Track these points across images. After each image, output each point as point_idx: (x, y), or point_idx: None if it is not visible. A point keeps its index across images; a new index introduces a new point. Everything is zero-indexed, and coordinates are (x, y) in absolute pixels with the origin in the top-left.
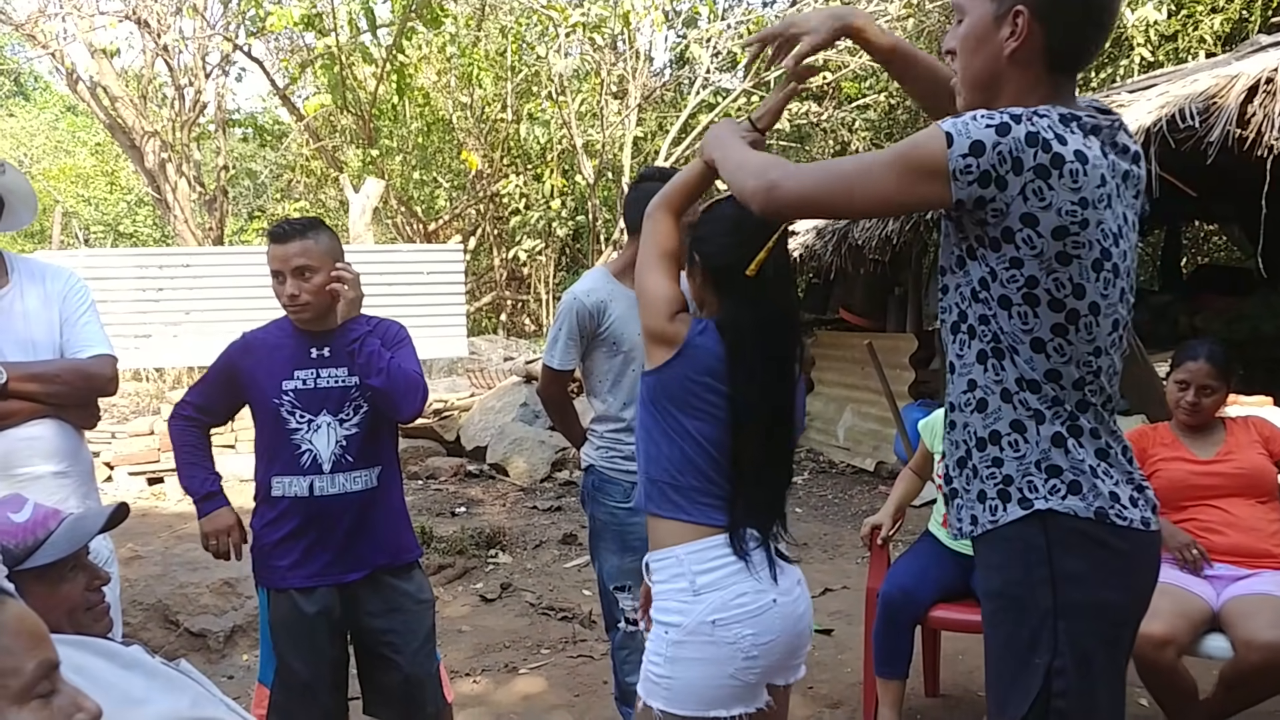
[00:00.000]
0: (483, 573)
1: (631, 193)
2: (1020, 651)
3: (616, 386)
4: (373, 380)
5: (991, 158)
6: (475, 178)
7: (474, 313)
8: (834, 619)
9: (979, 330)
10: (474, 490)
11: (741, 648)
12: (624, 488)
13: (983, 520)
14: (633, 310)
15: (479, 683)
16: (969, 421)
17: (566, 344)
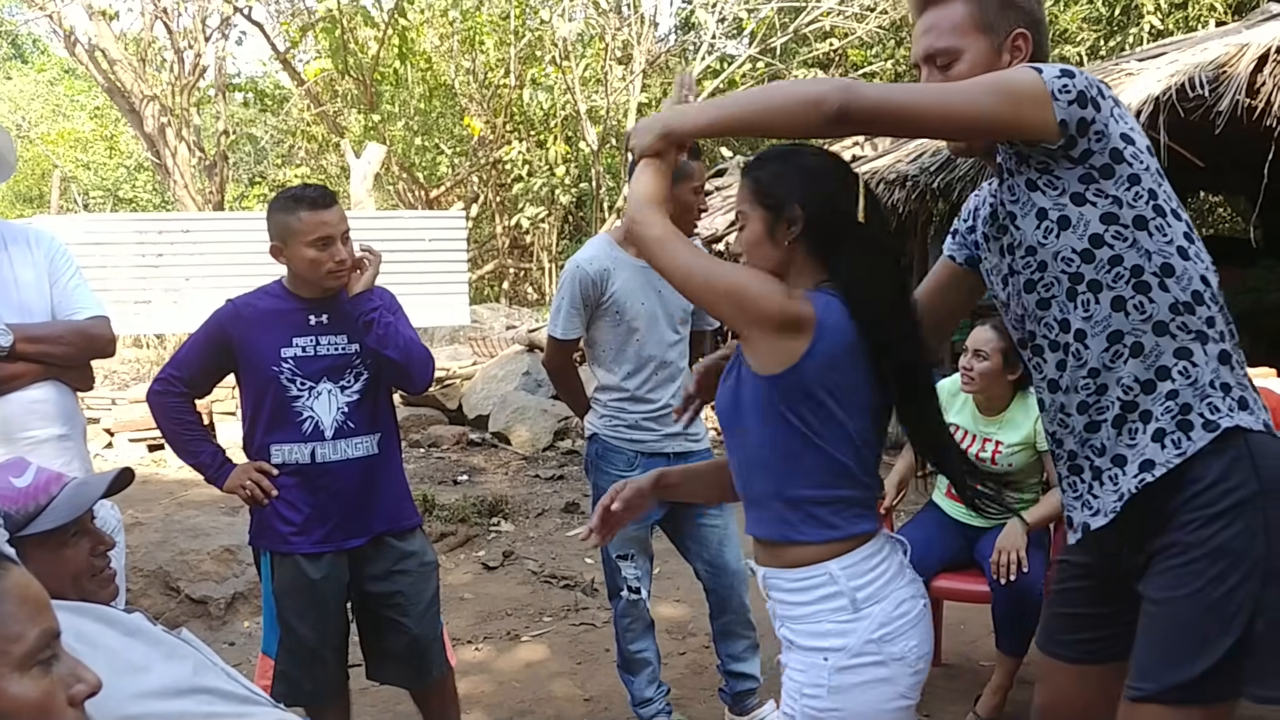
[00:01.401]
0: (485, 541)
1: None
2: (1219, 595)
3: (620, 356)
4: (390, 353)
5: (1080, 82)
6: (478, 144)
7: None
8: None
9: (1108, 277)
10: (476, 459)
11: (909, 661)
12: (627, 456)
13: (1163, 459)
14: (637, 279)
15: (481, 650)
16: (1121, 374)
17: (569, 313)
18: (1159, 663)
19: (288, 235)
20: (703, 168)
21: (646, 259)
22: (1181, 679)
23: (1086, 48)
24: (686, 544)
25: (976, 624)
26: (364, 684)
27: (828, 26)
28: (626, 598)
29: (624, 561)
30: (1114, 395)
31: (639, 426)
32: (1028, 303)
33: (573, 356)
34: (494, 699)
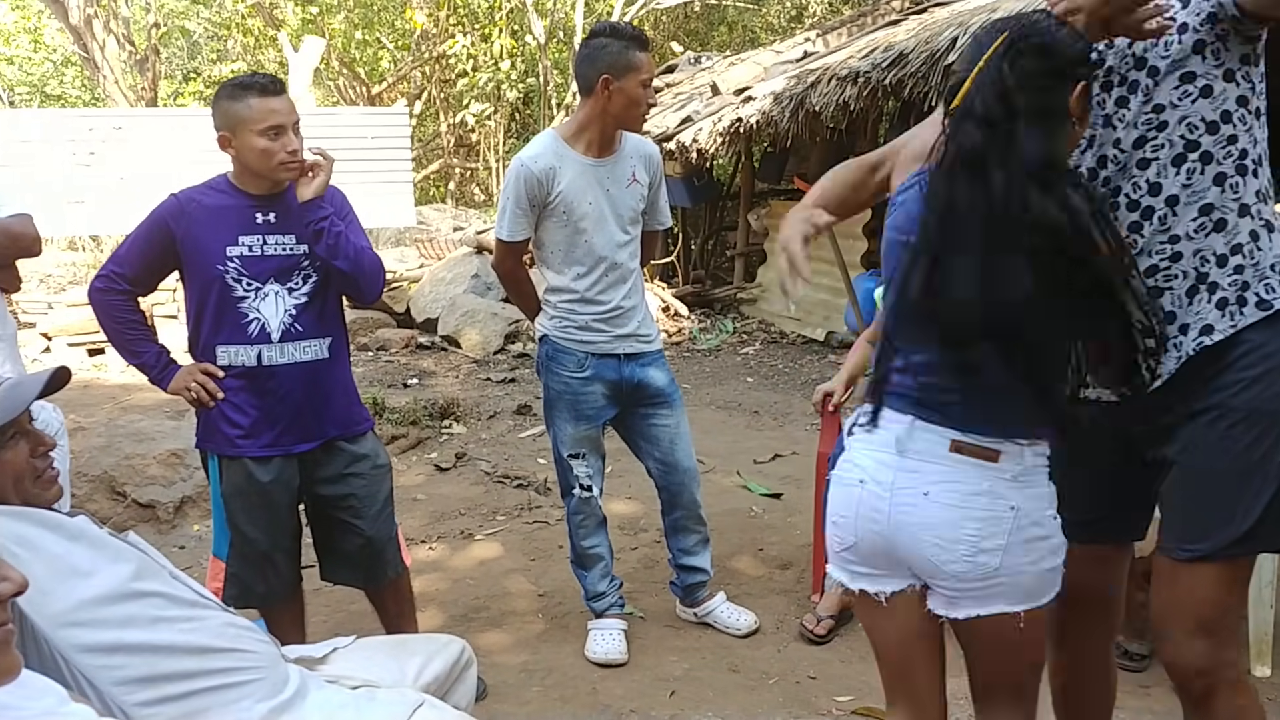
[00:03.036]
0: (437, 443)
1: (582, 50)
2: (1266, 456)
3: (569, 257)
4: (339, 264)
5: None
6: (420, 38)
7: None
8: (784, 483)
9: (1220, 153)
10: (426, 362)
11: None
12: (578, 358)
13: (1221, 327)
14: (584, 177)
15: (435, 549)
16: (1202, 246)
17: (515, 214)
18: (1207, 523)
19: (236, 124)
20: (651, 60)
21: None
22: (1231, 536)
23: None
24: (638, 443)
25: None
26: (318, 585)
27: None
28: (579, 495)
29: (575, 460)
30: (1189, 264)
31: (589, 328)
32: (1123, 157)
33: (522, 258)
34: (449, 596)
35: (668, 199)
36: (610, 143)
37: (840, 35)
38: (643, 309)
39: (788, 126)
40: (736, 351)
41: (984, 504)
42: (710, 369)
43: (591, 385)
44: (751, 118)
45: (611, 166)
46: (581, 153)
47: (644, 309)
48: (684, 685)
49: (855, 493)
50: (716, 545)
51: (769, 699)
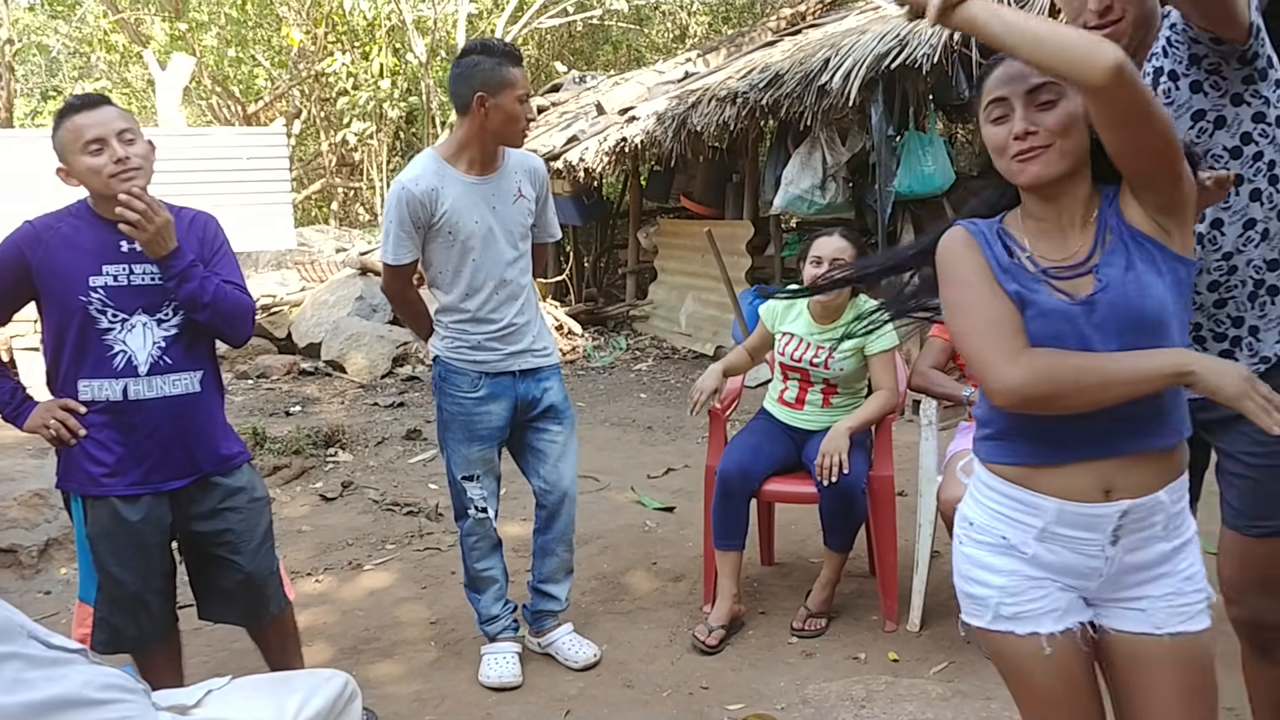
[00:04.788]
0: (322, 472)
1: (455, 69)
2: None
3: (457, 277)
4: (199, 317)
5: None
6: (298, 56)
7: (302, 202)
8: (676, 496)
9: (1249, 171)
10: (309, 388)
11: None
12: (471, 378)
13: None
14: (468, 196)
15: (322, 581)
16: (1253, 257)
17: (399, 237)
18: (1274, 502)
19: (64, 150)
20: (526, 75)
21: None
22: None
23: None
24: (526, 458)
25: (805, 523)
26: (197, 624)
27: None
28: (474, 517)
29: (470, 483)
30: (1245, 275)
31: (482, 347)
32: None
33: (410, 280)
34: (337, 629)
35: (557, 217)
36: (492, 160)
37: (719, 55)
38: (537, 324)
39: (671, 146)
40: (630, 368)
41: None
42: (604, 386)
43: (486, 405)
44: (636, 137)
45: (496, 183)
46: (464, 171)
47: (539, 323)
48: (579, 704)
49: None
50: (611, 561)
51: (663, 712)
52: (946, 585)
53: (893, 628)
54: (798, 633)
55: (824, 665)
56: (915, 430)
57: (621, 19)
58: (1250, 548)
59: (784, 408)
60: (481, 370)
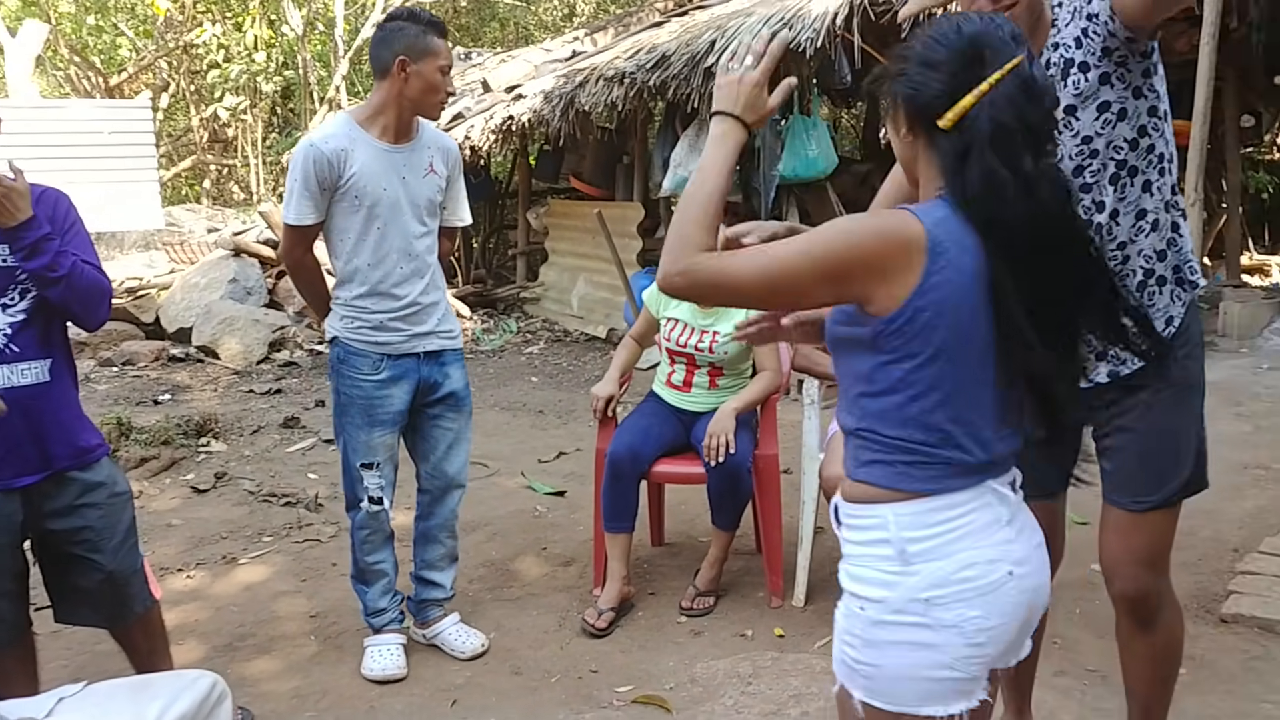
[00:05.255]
0: (194, 463)
1: (378, 33)
2: (1193, 417)
3: (360, 245)
4: (51, 294)
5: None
6: (165, 25)
7: (172, 180)
8: (568, 480)
9: (1143, 163)
10: (180, 375)
11: (964, 631)
12: (372, 360)
13: (1177, 312)
14: (379, 161)
15: (194, 577)
16: (1144, 246)
17: (302, 196)
18: (1157, 477)
19: None
20: (449, 50)
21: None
22: (1177, 484)
23: None
24: (416, 443)
25: (694, 503)
26: (56, 627)
27: None
28: (366, 509)
29: (368, 471)
30: (1137, 264)
31: (384, 327)
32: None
33: (311, 246)
34: (210, 626)
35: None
36: (407, 129)
37: (608, 35)
38: (443, 305)
39: (559, 125)
40: (520, 351)
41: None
42: (494, 370)
43: (388, 389)
44: (523, 116)
45: (408, 154)
46: (376, 137)
47: (445, 305)
48: (466, 693)
49: (1008, 588)
50: (500, 548)
51: (551, 697)
52: (830, 561)
53: (778, 604)
54: (686, 612)
55: (712, 643)
56: (800, 409)
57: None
58: (1136, 523)
59: (672, 390)
60: (384, 352)
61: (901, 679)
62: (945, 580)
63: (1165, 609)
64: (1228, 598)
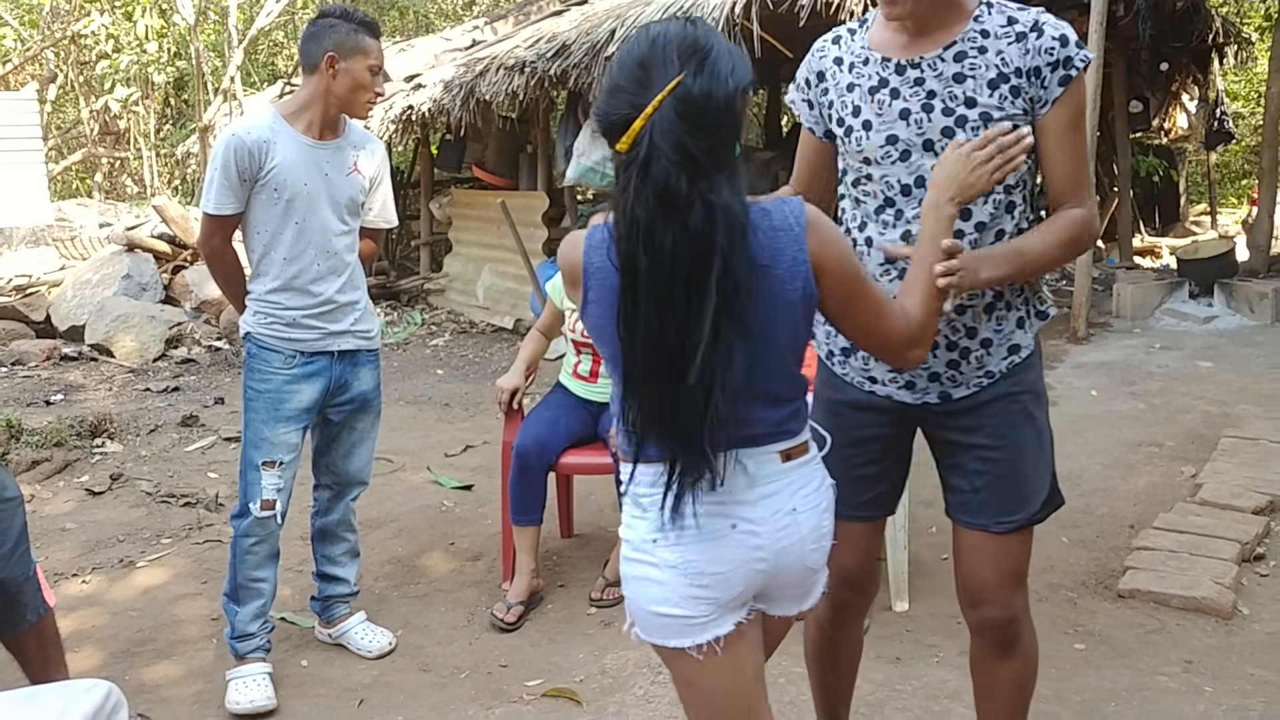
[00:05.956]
0: (88, 464)
1: (309, 29)
2: (1045, 434)
3: (277, 239)
4: None
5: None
6: (51, 15)
7: (62, 174)
8: (475, 474)
9: (1015, 186)
10: (73, 375)
11: (683, 571)
12: (284, 355)
13: (1025, 343)
14: (302, 156)
15: (90, 582)
16: None
17: (221, 185)
18: (1018, 496)
19: None
20: (381, 50)
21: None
22: (1038, 502)
23: None
24: (318, 440)
25: (603, 494)
26: None
27: None
28: (254, 515)
29: (267, 470)
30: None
31: (298, 324)
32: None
33: (230, 237)
34: (108, 632)
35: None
36: (333, 126)
37: (508, 23)
38: (362, 305)
39: (460, 115)
40: (425, 344)
41: (824, 493)
42: (399, 363)
43: (298, 384)
44: (423, 105)
45: (333, 151)
46: (301, 131)
47: (364, 306)
48: (373, 692)
49: (730, 540)
50: (407, 544)
51: (461, 694)
52: None
53: None
54: (596, 603)
55: (622, 634)
56: None
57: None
58: (1001, 545)
59: (579, 381)
60: (297, 349)
61: (642, 612)
62: (667, 525)
63: (1027, 631)
64: (1124, 573)
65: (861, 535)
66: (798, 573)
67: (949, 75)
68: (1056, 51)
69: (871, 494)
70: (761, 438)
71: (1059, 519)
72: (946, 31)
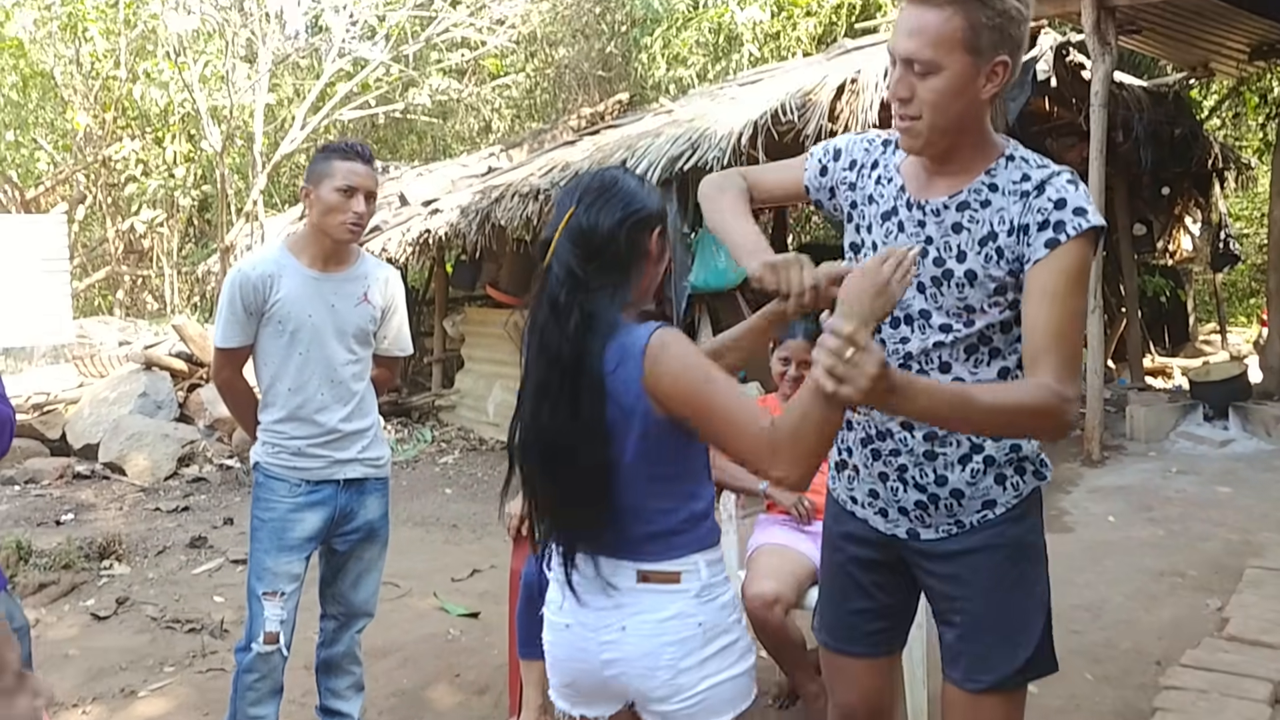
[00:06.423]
0: (95, 587)
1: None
2: (1033, 594)
3: (283, 370)
4: None
5: None
6: (84, 139)
7: (85, 290)
8: (483, 600)
9: (1005, 348)
10: (84, 493)
11: (547, 651)
12: (290, 484)
13: (1004, 500)
14: (306, 287)
15: (89, 713)
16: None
17: (229, 320)
18: (988, 655)
19: None
20: (356, 169)
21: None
22: (1012, 666)
23: (697, 70)
24: (325, 569)
25: None
26: None
27: (458, 38)
28: (257, 650)
29: (270, 600)
30: (963, 437)
31: (303, 453)
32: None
33: (240, 369)
34: None
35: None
36: (336, 257)
37: (523, 150)
38: (371, 434)
39: (475, 238)
40: (435, 461)
41: (675, 626)
42: (407, 482)
43: (302, 512)
44: (439, 229)
45: (340, 282)
46: (306, 265)
47: (374, 433)
48: None
49: (565, 636)
50: (412, 675)
51: None
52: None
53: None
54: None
55: None
56: None
57: (425, 112)
58: (972, 704)
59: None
60: (302, 477)
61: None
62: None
63: None
64: (1153, 715)
65: (862, 673)
66: (641, 693)
67: (948, 224)
68: (1048, 212)
69: (869, 629)
70: (618, 548)
71: (1083, 653)
72: (966, 175)
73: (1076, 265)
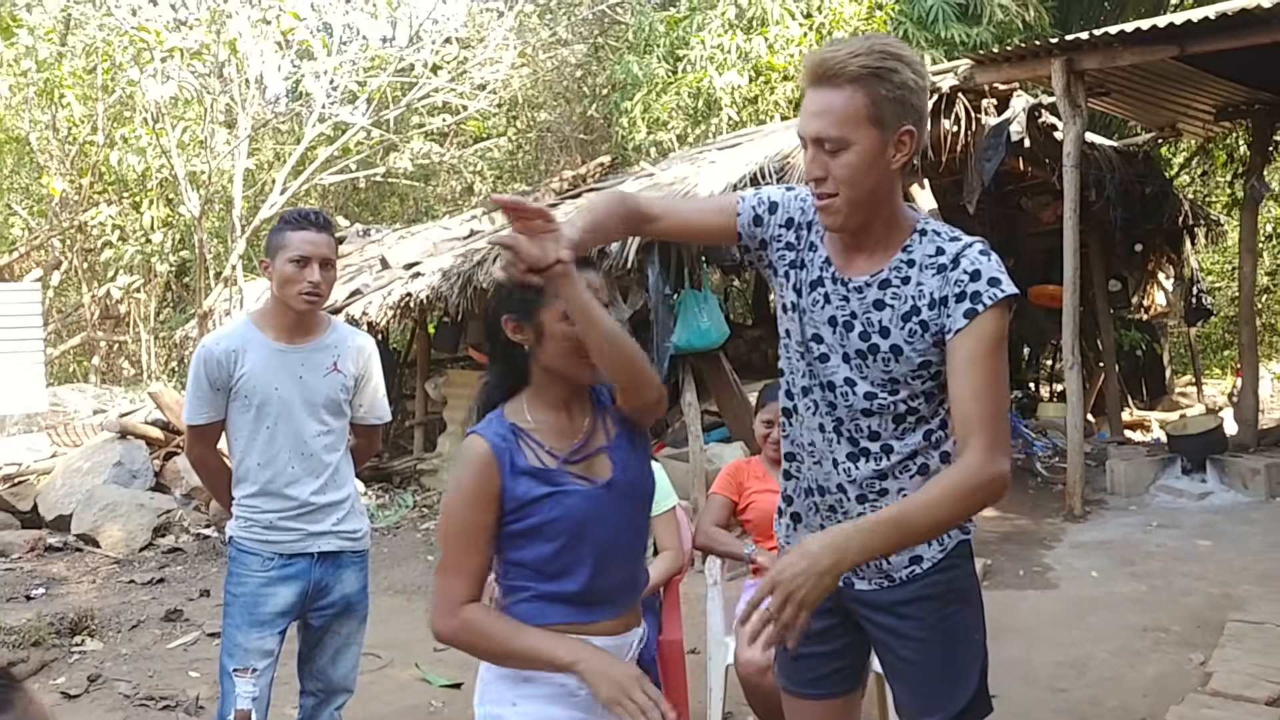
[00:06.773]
0: (66, 664)
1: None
2: (968, 639)
3: (251, 444)
4: None
5: None
6: (60, 204)
7: (60, 357)
8: (465, 669)
9: (932, 418)
10: (56, 566)
11: None
12: (262, 558)
13: (930, 555)
14: (272, 361)
15: None
16: (905, 485)
17: (196, 395)
18: (923, 699)
19: None
20: (310, 237)
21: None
22: (958, 707)
23: (677, 134)
24: (301, 645)
25: None
26: None
27: (439, 102)
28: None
29: (240, 677)
30: (893, 498)
31: (275, 526)
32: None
33: (213, 445)
34: None
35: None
36: (303, 327)
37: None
38: (347, 505)
39: (457, 301)
40: (416, 527)
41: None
42: (388, 549)
43: (274, 586)
44: (421, 293)
45: (308, 353)
46: (271, 338)
47: (350, 505)
48: None
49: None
50: None
51: None
52: None
53: None
54: None
55: None
56: (705, 582)
57: (408, 176)
58: None
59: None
60: (275, 550)
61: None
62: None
63: None
64: None
65: (822, 714)
66: None
67: (870, 301)
68: (964, 284)
69: (824, 671)
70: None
71: (1070, 711)
72: (884, 252)
73: (994, 332)
